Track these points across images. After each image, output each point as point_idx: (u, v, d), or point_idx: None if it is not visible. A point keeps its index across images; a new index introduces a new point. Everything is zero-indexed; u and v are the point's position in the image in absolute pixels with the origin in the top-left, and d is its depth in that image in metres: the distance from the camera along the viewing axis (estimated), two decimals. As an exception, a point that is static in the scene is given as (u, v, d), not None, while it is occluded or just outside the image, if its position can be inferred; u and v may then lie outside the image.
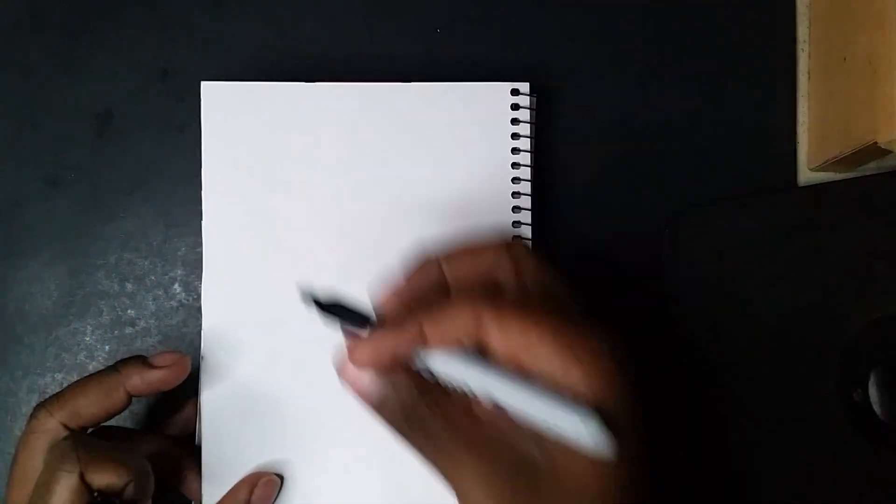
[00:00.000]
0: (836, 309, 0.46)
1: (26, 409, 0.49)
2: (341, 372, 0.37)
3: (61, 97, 0.50)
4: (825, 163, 0.48)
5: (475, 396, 0.36)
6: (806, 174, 0.50)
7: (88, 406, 0.41)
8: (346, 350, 0.37)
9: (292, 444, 0.46)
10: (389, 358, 0.36)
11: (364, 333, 0.36)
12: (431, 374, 0.36)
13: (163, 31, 0.50)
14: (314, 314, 0.37)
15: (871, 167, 0.48)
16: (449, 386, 0.36)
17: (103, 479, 0.38)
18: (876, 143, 0.42)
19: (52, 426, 0.40)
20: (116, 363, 0.43)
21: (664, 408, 0.47)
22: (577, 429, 0.32)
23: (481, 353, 0.35)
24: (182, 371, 0.43)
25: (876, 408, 0.44)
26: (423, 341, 0.35)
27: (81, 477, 0.37)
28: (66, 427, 0.41)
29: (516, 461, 0.34)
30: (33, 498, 0.39)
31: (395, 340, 0.36)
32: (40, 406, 0.41)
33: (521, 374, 0.34)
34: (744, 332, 0.47)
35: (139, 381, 0.42)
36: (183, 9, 0.50)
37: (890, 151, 0.43)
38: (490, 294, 0.36)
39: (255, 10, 0.50)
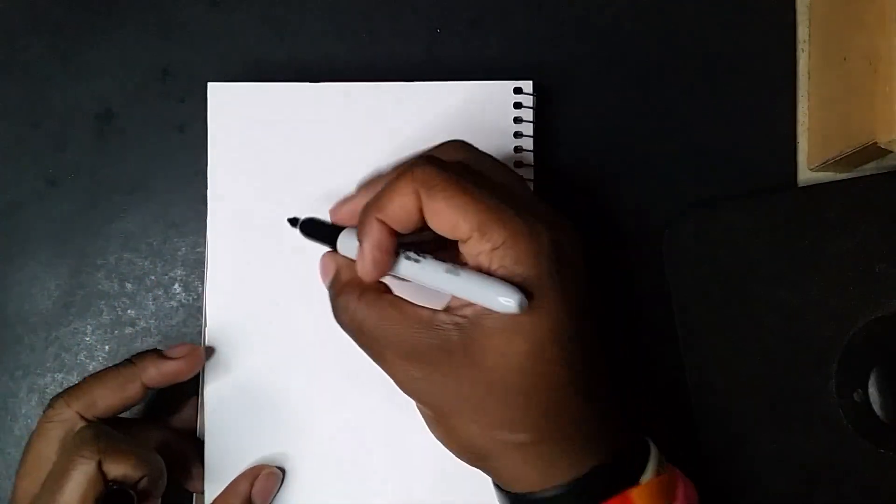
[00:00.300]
0: (836, 309, 0.46)
1: (26, 409, 0.49)
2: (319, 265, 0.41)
3: (61, 97, 0.50)
4: (825, 163, 0.48)
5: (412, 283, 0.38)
6: (806, 174, 0.50)
7: (105, 397, 0.42)
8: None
9: (294, 438, 0.46)
10: (381, 255, 0.38)
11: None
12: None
13: (163, 31, 0.50)
14: (299, 237, 0.42)
15: (871, 167, 0.48)
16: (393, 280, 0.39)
17: (120, 469, 0.39)
18: (876, 143, 0.42)
19: (68, 416, 0.41)
20: (132, 356, 0.44)
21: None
22: (490, 290, 0.35)
23: (425, 233, 0.38)
24: (196, 362, 0.45)
25: (876, 408, 0.44)
26: (388, 230, 0.37)
27: (99, 465, 0.38)
28: (82, 417, 0.41)
29: (436, 342, 0.37)
30: (47, 483, 0.39)
31: (372, 240, 0.37)
32: (58, 396, 0.42)
33: (455, 246, 0.37)
34: (744, 332, 0.47)
35: (155, 372, 0.43)
36: (183, 9, 0.50)
37: (890, 151, 0.43)
38: (422, 167, 0.37)
39: (255, 10, 0.50)
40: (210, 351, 0.46)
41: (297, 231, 0.42)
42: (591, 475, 0.37)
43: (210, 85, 0.47)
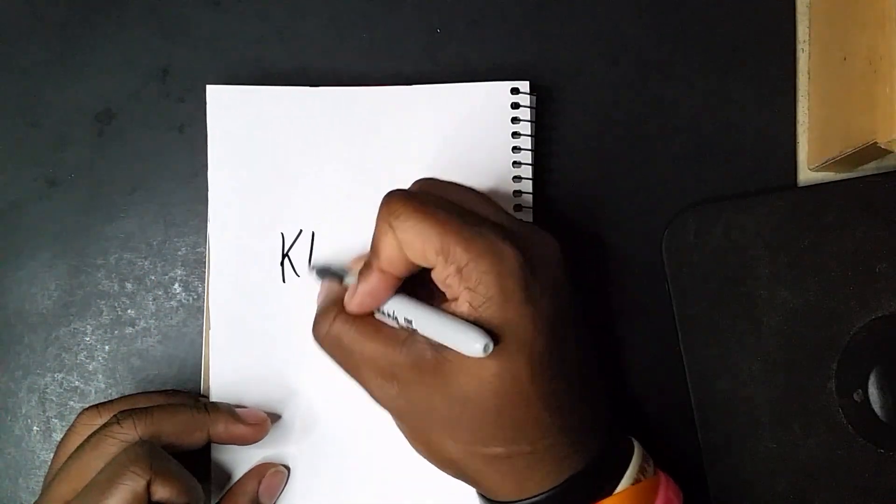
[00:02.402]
0: (836, 309, 0.46)
1: (26, 409, 0.49)
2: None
3: (61, 97, 0.50)
4: (825, 163, 0.48)
5: (394, 317, 0.39)
6: (806, 174, 0.50)
7: (170, 435, 0.41)
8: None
9: (298, 436, 0.46)
10: (371, 301, 0.39)
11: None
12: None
13: (163, 31, 0.50)
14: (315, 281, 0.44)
15: (871, 167, 0.48)
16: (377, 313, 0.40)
17: (166, 492, 0.39)
18: (876, 143, 0.42)
19: (131, 438, 0.41)
20: (207, 403, 0.44)
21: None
22: (456, 336, 0.36)
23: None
24: (263, 433, 0.45)
25: (876, 408, 0.44)
26: (386, 276, 0.39)
27: (147, 485, 0.38)
28: (140, 441, 0.41)
29: (410, 360, 0.38)
30: (90, 492, 0.39)
31: (367, 286, 0.39)
32: (127, 415, 0.41)
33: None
34: (744, 332, 0.47)
35: (223, 429, 0.43)
36: (183, 9, 0.50)
37: (890, 151, 0.43)
38: (387, 200, 0.38)
39: (255, 11, 0.50)
40: (213, 357, 0.47)
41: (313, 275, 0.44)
42: (567, 485, 0.38)
43: (209, 88, 0.47)
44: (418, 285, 0.39)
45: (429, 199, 0.38)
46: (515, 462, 0.38)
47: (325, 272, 0.43)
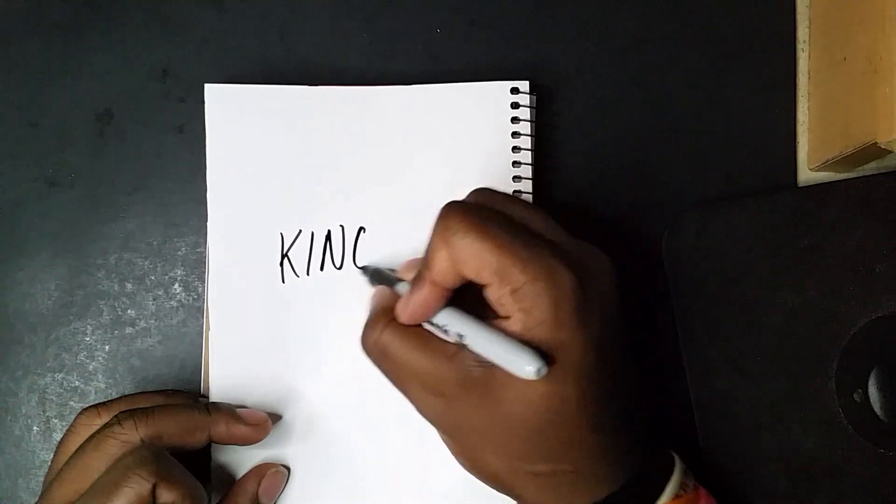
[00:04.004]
0: (836, 309, 0.46)
1: (26, 409, 0.49)
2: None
3: (61, 97, 0.50)
4: (825, 163, 0.48)
5: (444, 330, 0.39)
6: (806, 174, 0.50)
7: (172, 436, 0.41)
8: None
9: (299, 437, 0.46)
10: (422, 311, 0.39)
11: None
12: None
13: (163, 31, 0.50)
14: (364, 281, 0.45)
15: (871, 167, 0.48)
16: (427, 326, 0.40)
17: (171, 496, 0.39)
18: (876, 143, 0.42)
19: (132, 439, 0.40)
20: (208, 404, 0.44)
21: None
22: (509, 357, 0.36)
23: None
24: (264, 433, 0.44)
25: (876, 408, 0.44)
26: (438, 288, 0.38)
27: (153, 488, 0.38)
28: (142, 443, 0.41)
29: (457, 377, 0.38)
30: (93, 493, 0.39)
31: (419, 297, 0.39)
32: (128, 415, 0.41)
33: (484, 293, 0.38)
34: (744, 332, 0.47)
35: (224, 429, 0.43)
36: (183, 9, 0.50)
37: (890, 151, 0.43)
38: (444, 214, 0.38)
39: (255, 11, 0.50)
40: (213, 356, 0.47)
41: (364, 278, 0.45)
42: (609, 501, 0.39)
43: (207, 86, 0.47)
44: (465, 292, 0.39)
45: (486, 217, 0.37)
46: (559, 479, 0.39)
47: (377, 276, 0.44)
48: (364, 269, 0.46)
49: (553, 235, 0.39)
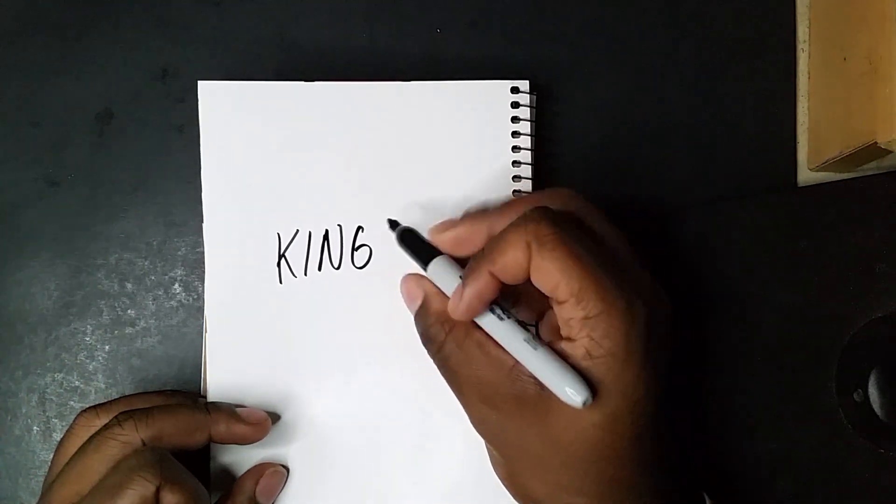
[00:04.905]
0: (836, 309, 0.46)
1: (26, 409, 0.49)
2: (402, 284, 0.43)
3: (61, 97, 0.50)
4: (825, 163, 0.48)
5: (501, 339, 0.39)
6: (806, 174, 0.50)
7: (172, 436, 0.41)
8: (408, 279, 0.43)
9: (297, 436, 0.46)
10: (478, 304, 0.39)
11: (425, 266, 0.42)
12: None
13: (163, 31, 0.50)
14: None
15: (871, 167, 0.48)
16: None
17: (174, 499, 0.38)
18: (876, 143, 0.42)
19: (133, 440, 0.40)
20: (208, 403, 0.44)
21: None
22: (555, 381, 0.36)
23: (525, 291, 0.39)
24: (264, 432, 0.44)
25: (876, 408, 0.44)
26: (495, 281, 0.38)
27: (157, 490, 0.38)
28: (143, 445, 0.41)
29: (513, 392, 0.37)
30: (96, 495, 0.39)
31: (475, 289, 0.38)
32: (128, 416, 0.41)
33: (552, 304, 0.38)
34: (744, 332, 0.47)
35: (224, 429, 0.43)
36: (183, 9, 0.50)
37: (890, 151, 0.43)
38: (536, 220, 0.37)
39: (254, 10, 0.50)
40: (211, 357, 0.46)
41: (392, 233, 0.44)
42: None
43: (201, 83, 0.47)
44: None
45: (578, 235, 0.37)
46: None
47: (407, 237, 0.43)
48: (393, 224, 0.44)
49: (632, 267, 0.39)
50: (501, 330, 0.38)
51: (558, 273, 0.36)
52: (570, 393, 0.35)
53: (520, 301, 0.42)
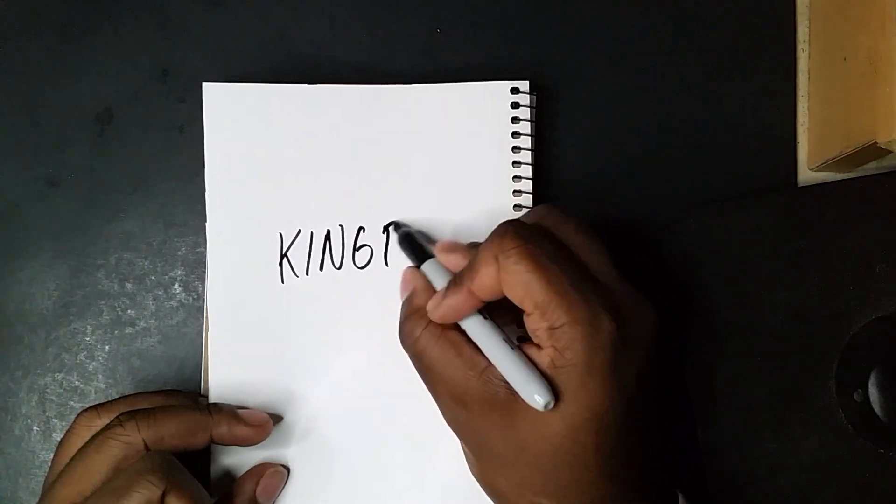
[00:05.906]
0: (836, 309, 0.46)
1: (26, 409, 0.49)
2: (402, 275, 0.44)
3: (61, 97, 0.50)
4: (825, 163, 0.48)
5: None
6: (806, 174, 0.50)
7: (173, 436, 0.41)
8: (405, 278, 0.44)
9: (299, 437, 0.46)
10: (454, 316, 0.40)
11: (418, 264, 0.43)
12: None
13: (163, 31, 0.50)
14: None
15: (871, 167, 0.48)
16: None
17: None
18: (876, 143, 0.42)
19: (134, 440, 0.40)
20: (209, 404, 0.44)
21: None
22: (520, 382, 0.37)
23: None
24: (265, 433, 0.44)
25: (876, 408, 0.44)
26: (474, 298, 0.39)
27: (163, 495, 0.38)
28: (145, 445, 0.41)
29: (483, 394, 0.38)
30: (100, 497, 0.39)
31: (453, 301, 0.39)
32: (130, 416, 0.41)
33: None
34: (744, 332, 0.47)
35: (226, 430, 0.43)
36: (183, 9, 0.50)
37: (890, 151, 0.43)
38: (502, 232, 0.38)
39: (255, 11, 0.50)
40: (212, 356, 0.47)
41: (393, 235, 0.46)
42: None
43: (205, 85, 0.47)
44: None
45: (542, 247, 0.38)
46: None
47: (407, 240, 0.44)
48: (395, 225, 0.46)
49: (607, 278, 0.39)
50: (477, 330, 0.39)
51: (522, 285, 0.37)
52: (534, 397, 0.36)
53: (502, 305, 0.42)
